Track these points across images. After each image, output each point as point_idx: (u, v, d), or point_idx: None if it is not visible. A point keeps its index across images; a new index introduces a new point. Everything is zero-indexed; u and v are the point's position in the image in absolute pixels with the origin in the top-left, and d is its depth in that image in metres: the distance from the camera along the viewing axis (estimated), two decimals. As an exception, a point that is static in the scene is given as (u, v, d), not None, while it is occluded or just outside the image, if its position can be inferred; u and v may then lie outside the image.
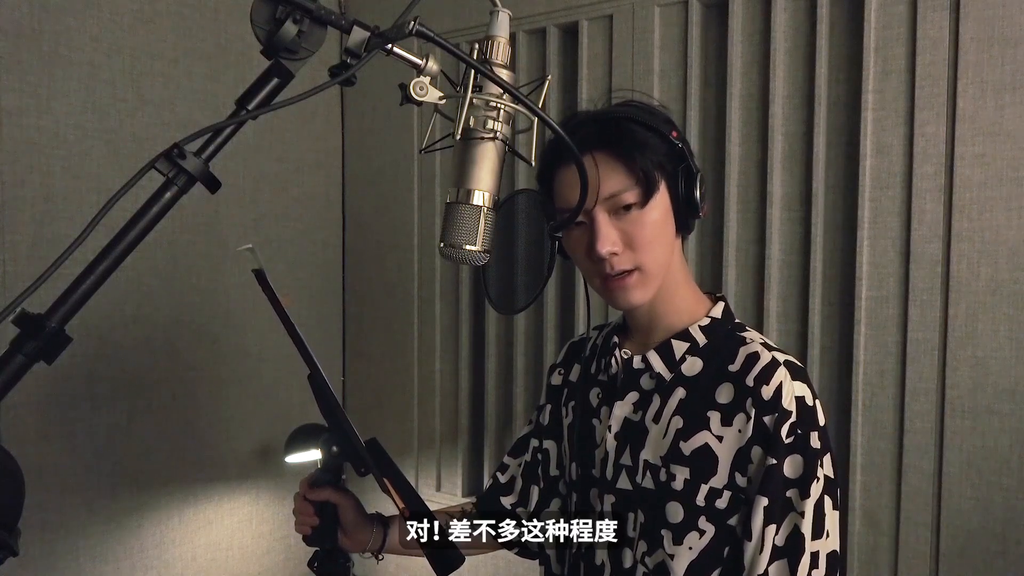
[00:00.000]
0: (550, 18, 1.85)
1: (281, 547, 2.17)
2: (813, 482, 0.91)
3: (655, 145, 0.96)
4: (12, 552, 0.66)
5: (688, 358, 1.01)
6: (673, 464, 0.97)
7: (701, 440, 0.96)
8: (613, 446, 1.04)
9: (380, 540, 1.19)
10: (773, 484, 0.91)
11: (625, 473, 1.03)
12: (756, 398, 0.93)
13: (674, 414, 0.99)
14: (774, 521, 0.92)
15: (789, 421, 0.92)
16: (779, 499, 0.92)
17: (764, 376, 0.94)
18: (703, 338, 1.01)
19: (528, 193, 1.02)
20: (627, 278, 0.97)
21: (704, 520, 0.95)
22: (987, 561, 1.39)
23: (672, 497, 0.97)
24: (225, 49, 1.94)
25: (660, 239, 0.97)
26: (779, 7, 1.56)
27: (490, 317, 2.01)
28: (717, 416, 0.96)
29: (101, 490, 1.75)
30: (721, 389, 0.97)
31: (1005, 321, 1.37)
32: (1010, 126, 1.35)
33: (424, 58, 0.74)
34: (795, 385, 0.93)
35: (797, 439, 0.92)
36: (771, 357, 0.95)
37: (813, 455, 0.92)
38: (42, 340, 0.64)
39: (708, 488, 0.95)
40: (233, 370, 2.01)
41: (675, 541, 0.96)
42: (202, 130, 0.70)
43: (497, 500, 1.26)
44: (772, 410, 0.92)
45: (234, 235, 1.98)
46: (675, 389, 1.00)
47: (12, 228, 1.58)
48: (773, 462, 0.91)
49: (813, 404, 0.94)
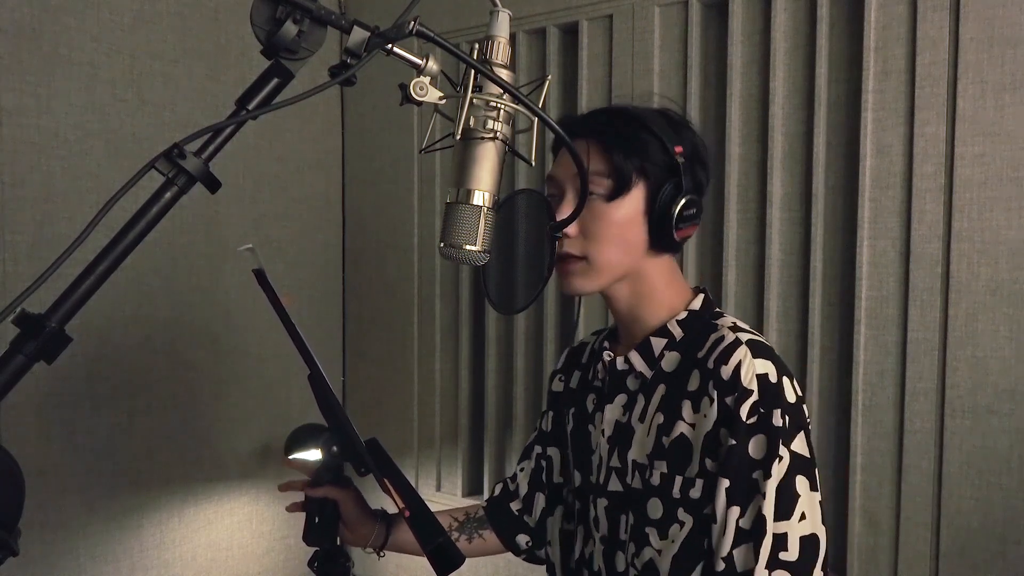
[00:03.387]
0: (550, 18, 1.85)
1: (281, 547, 2.17)
2: (775, 461, 0.89)
3: (648, 150, 0.96)
4: (12, 552, 0.66)
5: (666, 354, 1.00)
6: (656, 460, 0.97)
7: (677, 431, 0.95)
8: (605, 449, 1.04)
9: (383, 536, 1.19)
10: (734, 465, 0.90)
11: (615, 475, 1.02)
12: (716, 379, 0.92)
13: (656, 411, 0.99)
14: (737, 503, 0.90)
15: (750, 400, 0.90)
16: (742, 480, 0.90)
17: (723, 357, 0.92)
18: (680, 331, 1.00)
19: (528, 193, 1.02)
20: (572, 263, 0.98)
21: (682, 511, 0.94)
22: (987, 561, 1.39)
23: (652, 493, 0.97)
24: (225, 49, 1.94)
25: (617, 239, 0.97)
26: (779, 7, 1.56)
27: (490, 317, 2.01)
28: (688, 404, 0.95)
29: (101, 490, 1.75)
30: (691, 377, 0.96)
31: (1005, 321, 1.37)
32: (1010, 126, 1.35)
33: (424, 58, 0.74)
34: (756, 363, 0.91)
35: (760, 418, 0.90)
36: (734, 338, 0.94)
37: (776, 433, 0.89)
38: (42, 340, 0.64)
39: (682, 479, 0.94)
40: (233, 370, 2.01)
41: (660, 536, 0.96)
42: (202, 130, 0.69)
43: (506, 505, 1.26)
44: (732, 390, 0.90)
45: (234, 235, 1.98)
46: (657, 386, 1.00)
47: (12, 228, 1.58)
48: (733, 443, 0.90)
49: (779, 381, 0.92)
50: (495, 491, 1.29)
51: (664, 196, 0.96)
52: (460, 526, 1.25)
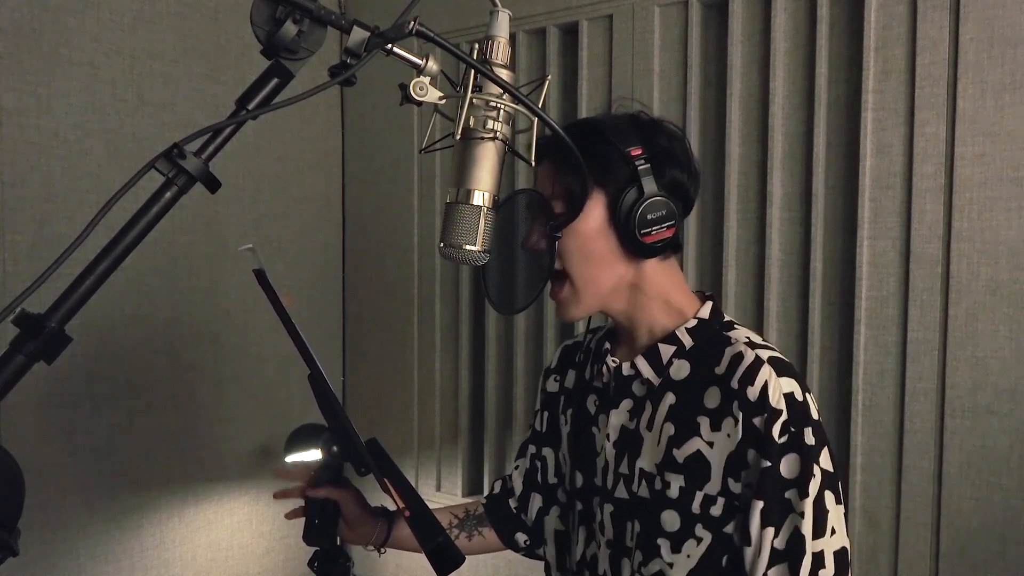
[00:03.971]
0: (550, 18, 1.85)
1: (281, 547, 2.17)
2: (811, 480, 0.89)
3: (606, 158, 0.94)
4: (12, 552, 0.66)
5: (675, 361, 0.99)
6: (668, 472, 0.96)
7: (693, 447, 0.95)
8: (612, 454, 1.04)
9: (384, 534, 1.19)
10: (769, 486, 0.90)
11: (622, 482, 1.02)
12: (742, 400, 0.91)
13: (666, 420, 0.98)
14: (772, 524, 0.90)
15: (780, 420, 0.90)
16: (776, 501, 0.90)
17: (748, 377, 0.92)
18: (689, 340, 1.00)
19: (528, 193, 1.02)
20: (560, 292, 1.00)
21: (701, 528, 0.94)
22: (987, 561, 1.39)
23: (668, 505, 0.96)
24: (225, 49, 1.94)
25: (587, 252, 0.96)
26: (779, 7, 1.56)
27: (490, 317, 2.01)
28: (707, 421, 0.95)
29: (101, 490, 1.76)
30: (709, 393, 0.96)
31: (1005, 321, 1.37)
32: (1010, 126, 1.35)
33: (424, 58, 0.74)
34: (782, 382, 0.91)
35: (791, 437, 0.90)
36: (754, 356, 0.93)
37: (808, 452, 0.90)
38: (42, 340, 0.64)
39: (703, 495, 0.94)
40: (233, 370, 2.01)
41: (673, 550, 0.96)
42: (202, 130, 0.69)
43: (505, 503, 1.26)
44: (760, 411, 0.90)
45: (234, 235, 1.98)
46: (665, 394, 0.99)
47: (12, 228, 1.58)
48: (768, 464, 0.89)
49: (804, 399, 0.92)
50: (494, 488, 1.29)
51: (624, 202, 0.94)
52: (460, 523, 1.25)
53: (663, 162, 0.96)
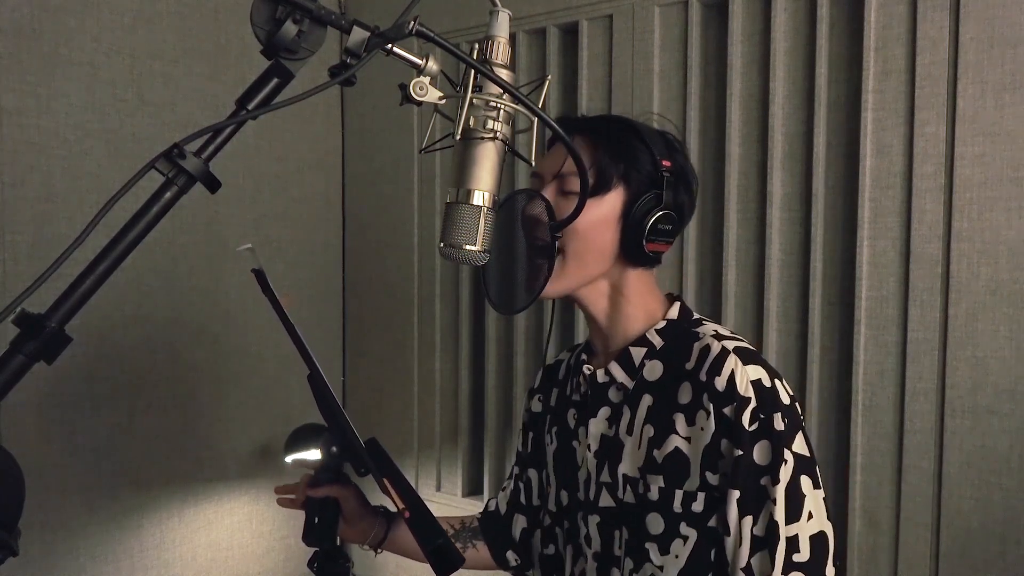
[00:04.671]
0: (550, 18, 1.85)
1: (281, 547, 2.17)
2: (782, 465, 0.89)
3: (636, 157, 0.96)
4: (12, 552, 0.66)
5: (647, 363, 1.00)
6: (649, 474, 0.96)
7: (672, 445, 0.95)
8: (593, 464, 1.03)
9: (382, 533, 1.19)
10: (744, 475, 0.90)
11: (606, 490, 1.02)
12: (711, 391, 0.92)
13: (645, 423, 0.98)
14: (750, 512, 0.90)
15: (750, 407, 0.90)
16: (752, 489, 0.90)
17: (716, 368, 0.93)
18: (659, 340, 1.01)
19: (528, 193, 1.02)
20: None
21: (685, 526, 0.94)
22: (987, 561, 1.39)
23: (651, 508, 0.96)
24: (225, 49, 1.94)
25: (588, 237, 0.97)
26: (779, 7, 1.56)
27: (490, 317, 2.01)
28: (682, 417, 0.95)
29: (101, 490, 1.76)
30: (682, 389, 0.96)
31: (1005, 321, 1.37)
32: (1010, 126, 1.35)
33: (424, 58, 0.74)
34: (748, 369, 0.92)
35: (760, 424, 0.90)
36: (720, 347, 0.94)
37: (779, 437, 0.90)
38: (42, 340, 0.64)
39: (683, 493, 0.94)
40: (233, 370, 2.01)
41: (662, 552, 0.96)
42: (202, 130, 0.69)
43: (496, 519, 1.27)
44: (730, 400, 0.91)
45: (234, 235, 1.98)
46: (642, 397, 0.99)
47: (12, 228, 1.58)
48: (740, 453, 0.90)
49: (772, 384, 0.92)
50: (489, 505, 1.30)
51: (642, 204, 0.96)
52: (456, 534, 1.25)
53: (680, 183, 0.99)
